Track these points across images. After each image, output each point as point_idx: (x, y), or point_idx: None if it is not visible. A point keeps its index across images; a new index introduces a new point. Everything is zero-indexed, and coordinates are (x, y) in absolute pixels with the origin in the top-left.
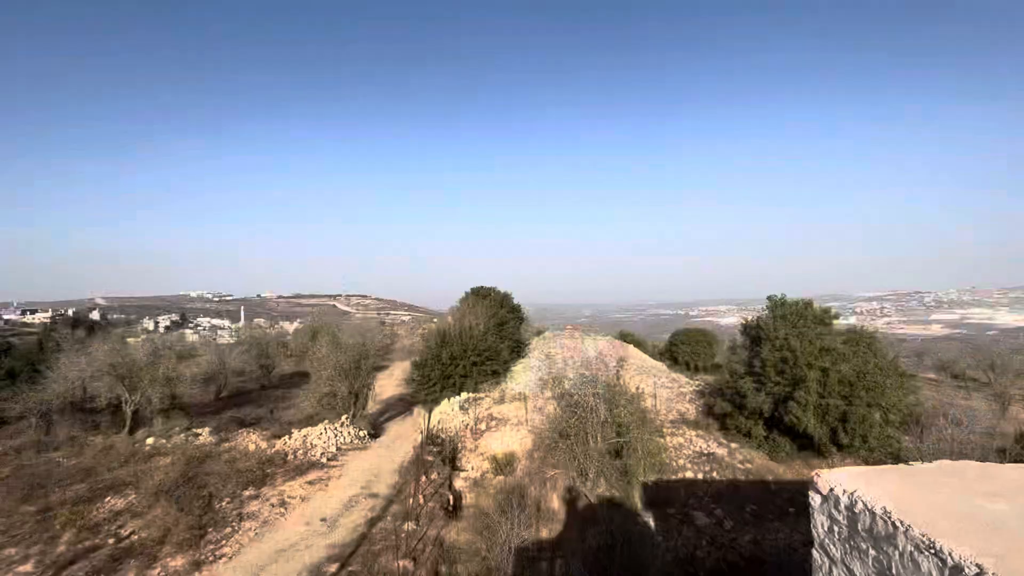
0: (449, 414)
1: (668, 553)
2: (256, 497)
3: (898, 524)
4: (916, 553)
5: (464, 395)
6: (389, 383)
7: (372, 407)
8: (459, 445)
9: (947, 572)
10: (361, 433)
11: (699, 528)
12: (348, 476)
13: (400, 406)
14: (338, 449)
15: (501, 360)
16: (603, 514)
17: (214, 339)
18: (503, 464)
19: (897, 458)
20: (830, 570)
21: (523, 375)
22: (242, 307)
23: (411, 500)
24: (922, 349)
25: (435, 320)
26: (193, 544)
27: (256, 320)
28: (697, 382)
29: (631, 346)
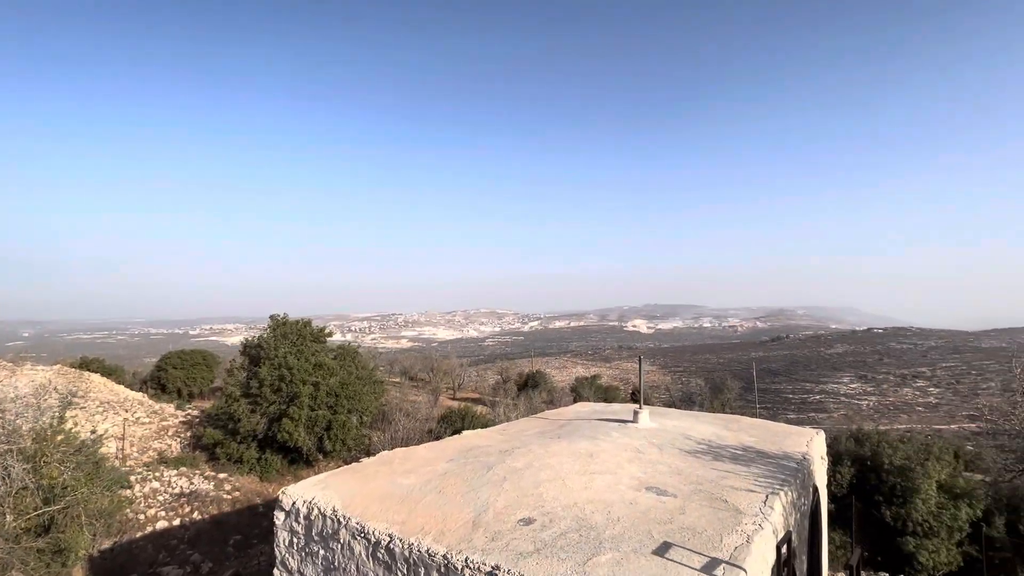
0: None
1: None
2: None
3: (341, 519)
4: (352, 540)
5: None
6: None
7: None
8: None
9: (371, 548)
10: None
11: None
12: None
13: None
14: None
15: None
16: None
17: None
18: None
19: (369, 453)
20: None
21: None
22: None
23: None
24: (394, 359)
25: None
26: None
27: None
28: (188, 412)
29: (96, 375)
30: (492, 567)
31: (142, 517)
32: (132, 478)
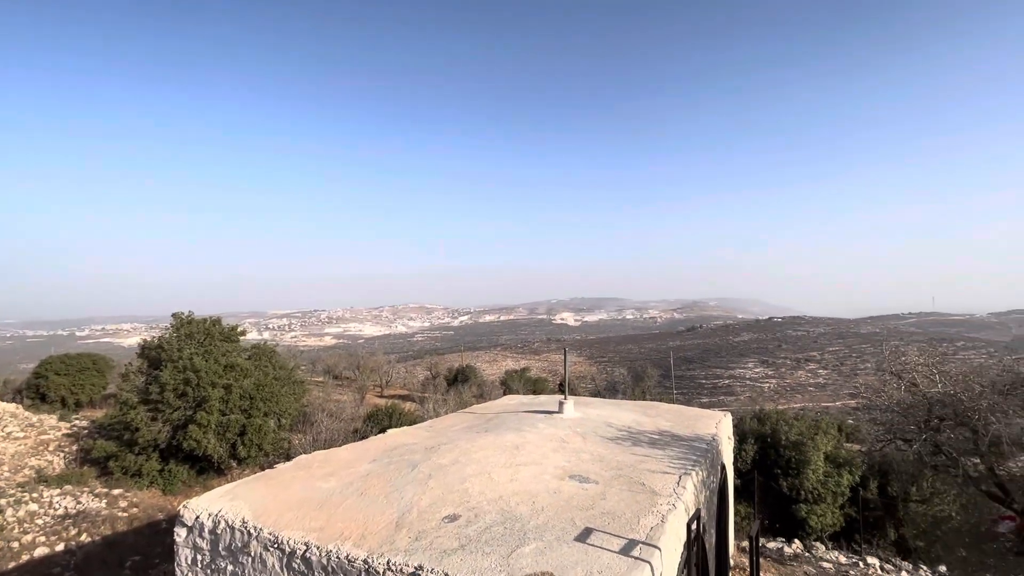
0: None
1: None
2: None
3: (252, 531)
4: (265, 553)
5: None
6: None
7: None
8: None
9: (286, 559)
10: None
11: None
12: None
13: None
14: None
15: None
16: None
17: None
18: None
19: (289, 457)
20: None
21: None
22: None
23: None
24: (316, 357)
25: None
26: None
27: None
28: (75, 423)
29: None
30: (415, 568)
31: (16, 545)
32: (2, 501)
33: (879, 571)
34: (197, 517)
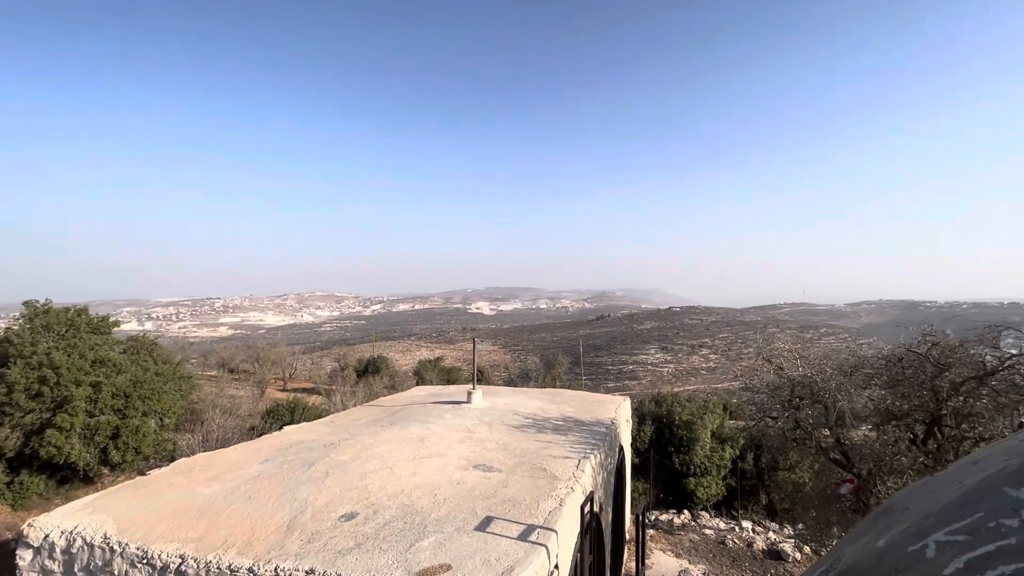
0: None
1: None
2: None
3: (116, 547)
4: (131, 570)
5: None
6: None
7: None
8: None
9: (158, 575)
10: None
11: None
12: None
13: None
14: None
15: None
16: None
17: None
18: None
19: (173, 459)
20: None
21: None
22: None
23: None
24: (209, 349)
25: None
26: None
27: None
28: None
29: None
30: (306, 572)
31: None
32: None
33: (751, 533)
34: (47, 536)
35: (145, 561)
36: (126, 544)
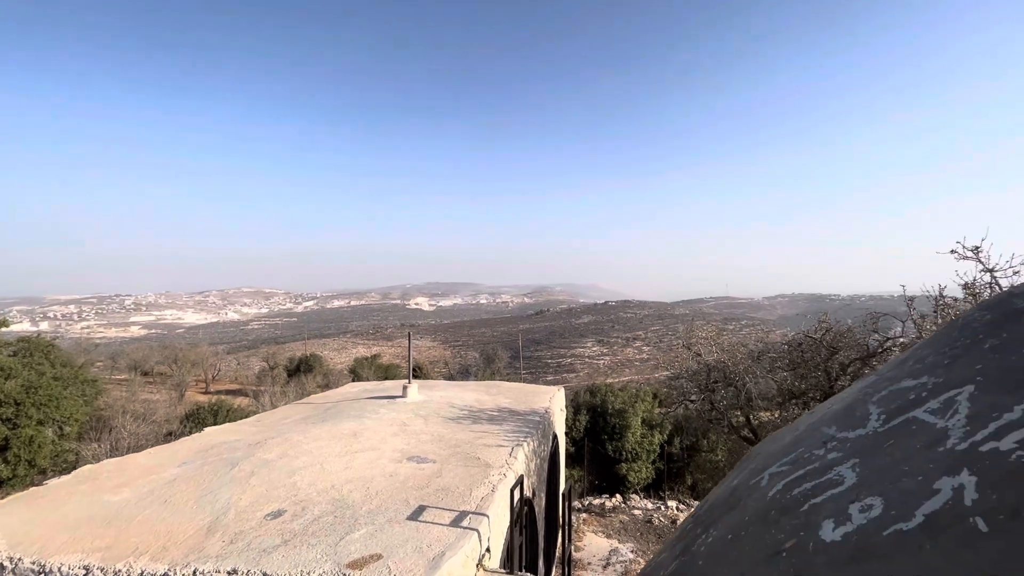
0: None
1: None
2: None
3: (6, 563)
4: None
5: None
6: None
7: None
8: None
9: None
10: None
11: None
12: None
13: None
14: None
15: None
16: None
17: None
18: None
19: (74, 469)
20: None
21: None
22: None
23: None
24: (118, 351)
25: None
26: None
27: None
28: None
29: None
30: (228, 572)
31: None
32: None
33: (675, 511)
34: None
35: (43, 575)
36: (19, 559)
